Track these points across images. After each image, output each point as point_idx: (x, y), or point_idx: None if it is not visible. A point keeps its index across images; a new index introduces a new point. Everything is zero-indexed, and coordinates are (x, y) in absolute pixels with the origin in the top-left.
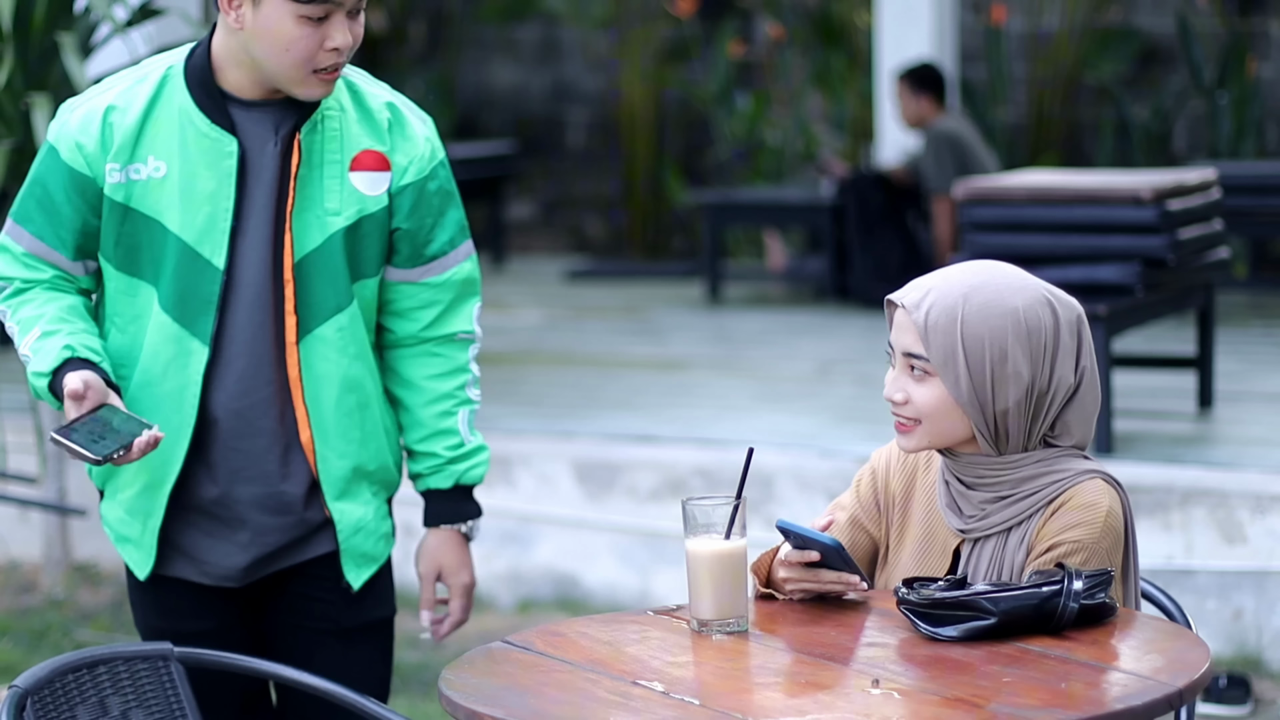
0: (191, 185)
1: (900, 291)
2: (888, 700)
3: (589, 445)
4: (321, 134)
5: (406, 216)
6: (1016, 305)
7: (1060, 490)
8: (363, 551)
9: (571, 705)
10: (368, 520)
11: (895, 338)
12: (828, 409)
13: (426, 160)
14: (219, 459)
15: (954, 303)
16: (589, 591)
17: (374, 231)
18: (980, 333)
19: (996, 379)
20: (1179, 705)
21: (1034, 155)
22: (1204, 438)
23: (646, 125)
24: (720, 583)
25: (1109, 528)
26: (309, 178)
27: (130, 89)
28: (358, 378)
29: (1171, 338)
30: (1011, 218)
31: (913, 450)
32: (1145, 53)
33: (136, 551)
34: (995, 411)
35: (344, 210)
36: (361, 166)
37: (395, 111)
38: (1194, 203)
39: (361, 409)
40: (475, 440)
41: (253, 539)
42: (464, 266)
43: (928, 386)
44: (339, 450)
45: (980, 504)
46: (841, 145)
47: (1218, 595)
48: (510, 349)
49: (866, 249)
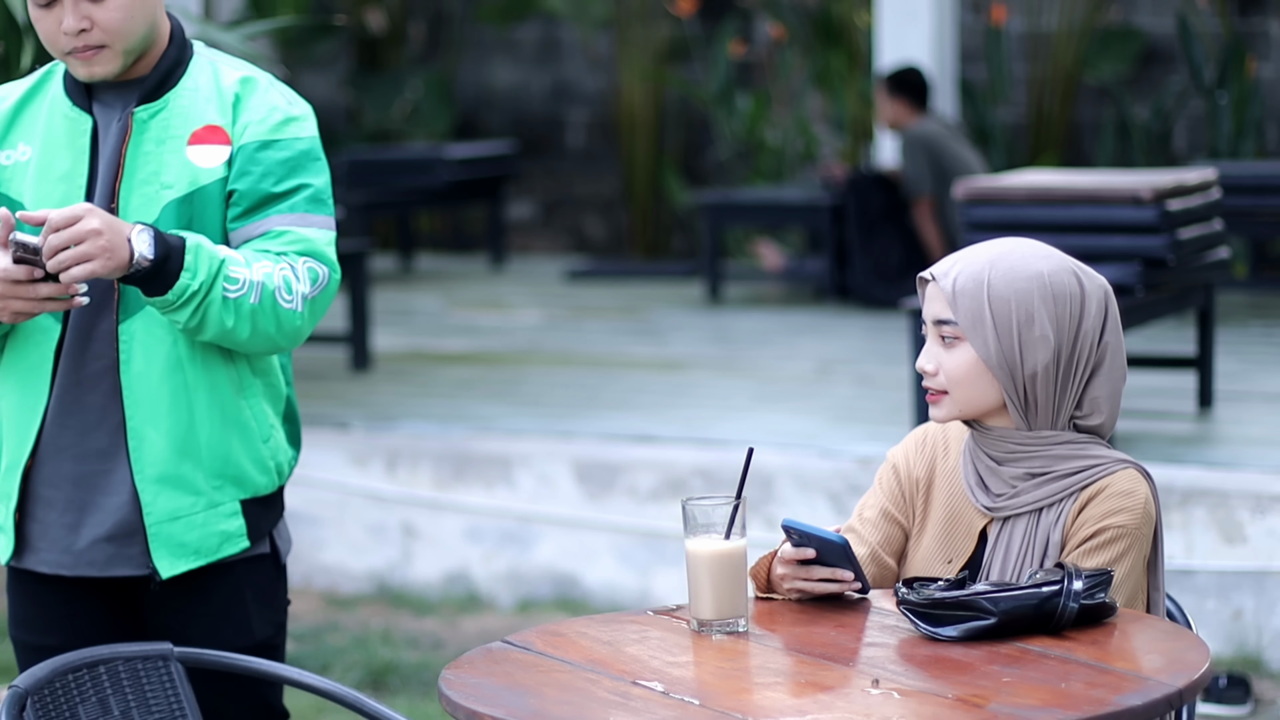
0: (50, 166)
1: (930, 268)
2: (887, 700)
3: (589, 445)
4: (168, 111)
5: (236, 178)
6: (1042, 270)
7: (1096, 476)
8: (180, 541)
9: (571, 705)
10: (195, 511)
11: (926, 310)
12: (827, 409)
13: (270, 126)
14: (50, 437)
15: (980, 268)
16: (589, 591)
17: (208, 206)
18: (1006, 295)
19: (1024, 341)
20: (1179, 705)
21: (1034, 155)
22: (1204, 438)
23: (646, 125)
24: (720, 583)
25: (1148, 515)
26: (152, 154)
27: (18, 83)
28: (184, 359)
29: (1171, 338)
30: (1011, 218)
31: (944, 420)
32: (1145, 53)
33: (3, 537)
34: (1024, 375)
35: (176, 184)
36: (199, 140)
37: (247, 84)
38: (1194, 203)
39: (190, 391)
40: (243, 275)
41: (78, 520)
42: (304, 234)
43: (958, 352)
44: (160, 429)
45: (1011, 480)
46: (841, 145)
47: (1218, 595)
48: (510, 349)
49: (866, 249)
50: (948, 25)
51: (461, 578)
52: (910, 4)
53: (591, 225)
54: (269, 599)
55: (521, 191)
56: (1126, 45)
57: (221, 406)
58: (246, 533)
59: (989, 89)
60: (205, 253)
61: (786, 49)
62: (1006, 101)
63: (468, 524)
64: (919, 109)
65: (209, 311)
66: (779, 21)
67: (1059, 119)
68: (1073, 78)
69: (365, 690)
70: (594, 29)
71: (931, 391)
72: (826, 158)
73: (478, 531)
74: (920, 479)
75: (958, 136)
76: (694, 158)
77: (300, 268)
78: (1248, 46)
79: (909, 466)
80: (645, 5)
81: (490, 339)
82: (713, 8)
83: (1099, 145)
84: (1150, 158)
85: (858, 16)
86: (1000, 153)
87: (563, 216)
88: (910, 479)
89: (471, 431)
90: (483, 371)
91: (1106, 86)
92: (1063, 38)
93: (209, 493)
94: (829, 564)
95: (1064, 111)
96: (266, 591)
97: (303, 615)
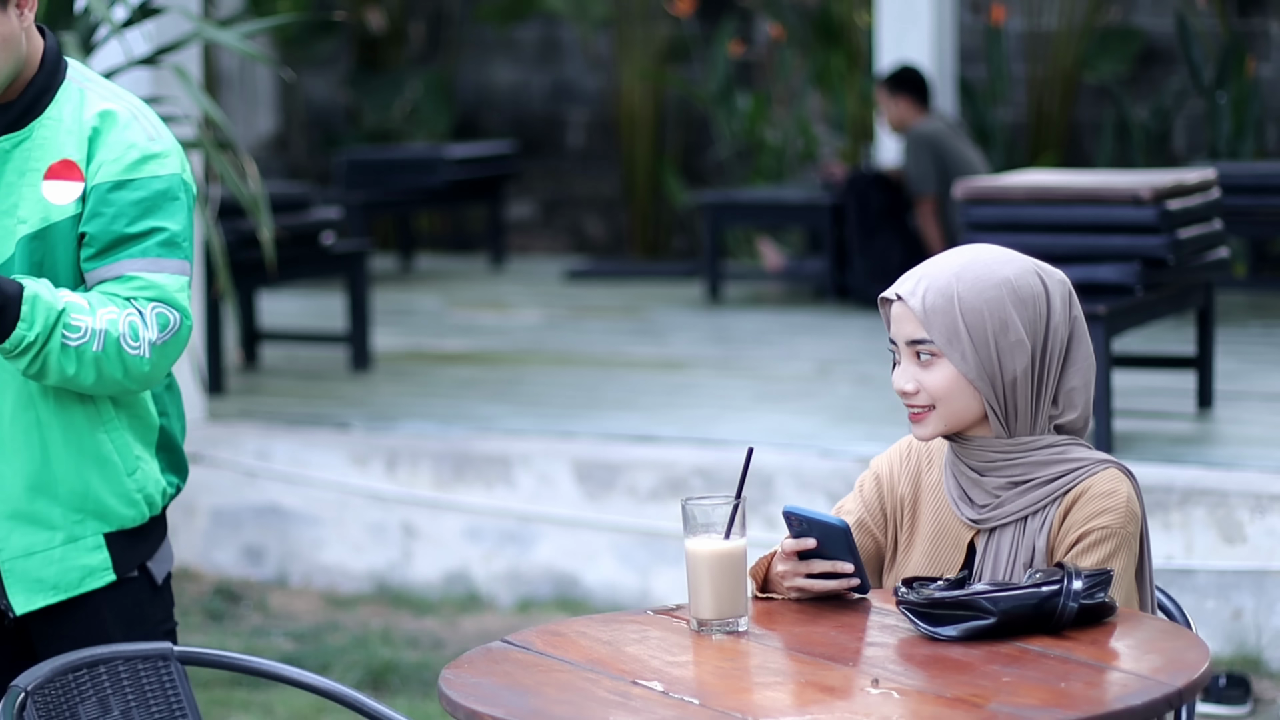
0: None
1: (892, 287)
2: (887, 700)
3: (589, 445)
4: (31, 142)
5: (89, 219)
6: (1008, 275)
7: (1076, 480)
8: (36, 577)
9: (571, 705)
10: (52, 546)
11: (896, 330)
12: (827, 409)
13: (125, 166)
14: None
15: (947, 282)
16: (589, 591)
17: (60, 243)
18: (978, 305)
19: (1001, 349)
20: (1178, 705)
21: (1033, 155)
22: (1203, 437)
23: (646, 125)
24: (720, 582)
25: (1131, 513)
26: (12, 185)
27: None
28: (35, 395)
29: (1171, 338)
30: (1011, 217)
31: (929, 437)
32: (1145, 53)
33: None
34: (1004, 383)
35: (30, 219)
36: (54, 175)
37: (106, 119)
38: (1193, 202)
39: (42, 427)
40: (85, 323)
41: None
42: (156, 280)
43: (936, 370)
44: (12, 466)
45: (994, 490)
46: (841, 145)
47: (1217, 595)
48: (510, 349)
49: (866, 249)
50: (947, 25)
51: (461, 577)
52: (910, 4)
53: (591, 225)
54: (137, 621)
55: (521, 191)
56: (1126, 45)
57: (78, 441)
58: (112, 566)
59: (989, 89)
60: (43, 303)
61: (786, 49)
62: (1006, 101)
63: (468, 524)
64: (923, 107)
65: (48, 360)
66: (778, 21)
67: (1059, 119)
68: (1072, 78)
69: (365, 690)
70: (594, 29)
71: (915, 410)
72: (826, 157)
73: (478, 531)
74: (905, 496)
75: (961, 135)
76: (694, 158)
77: (149, 314)
78: (1247, 46)
79: (892, 480)
80: (645, 5)
81: (490, 339)
82: (712, 7)
83: (1098, 145)
84: (1150, 158)
85: (857, 16)
86: (1000, 153)
87: (563, 216)
88: (894, 494)
89: (471, 431)
90: (483, 371)
91: (1106, 86)
92: (1062, 38)
93: (67, 528)
94: (829, 555)
95: (1063, 111)
96: (133, 614)
97: (303, 615)
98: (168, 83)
